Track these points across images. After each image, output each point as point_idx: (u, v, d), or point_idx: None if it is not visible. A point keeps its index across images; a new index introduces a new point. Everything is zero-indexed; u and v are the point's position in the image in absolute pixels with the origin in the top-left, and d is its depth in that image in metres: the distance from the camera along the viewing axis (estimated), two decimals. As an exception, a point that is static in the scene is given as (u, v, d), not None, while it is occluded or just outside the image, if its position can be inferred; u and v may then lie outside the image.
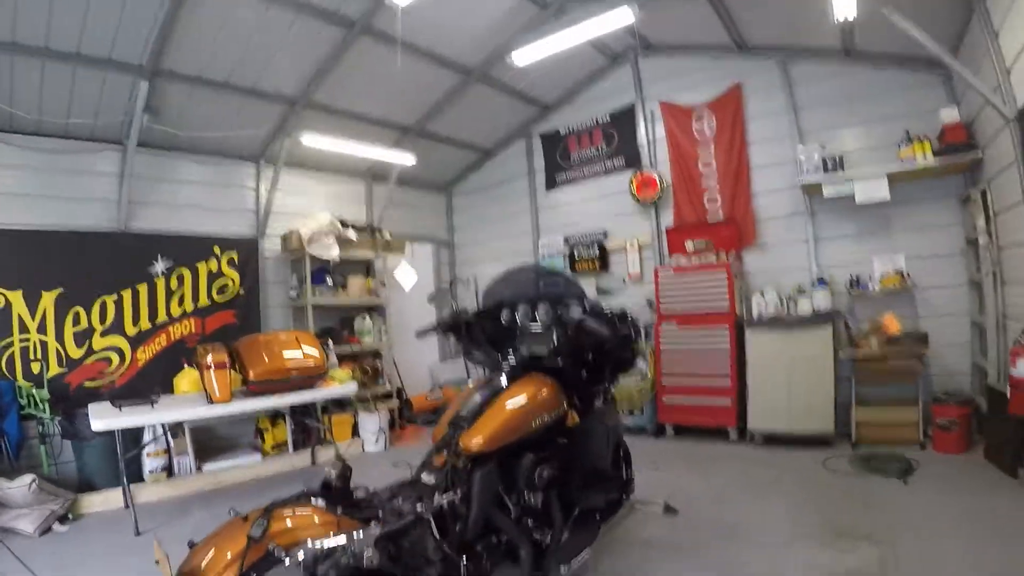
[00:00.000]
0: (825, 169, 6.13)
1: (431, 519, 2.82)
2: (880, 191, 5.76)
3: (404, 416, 8.15)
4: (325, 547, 2.29)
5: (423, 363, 9.28)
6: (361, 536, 2.42)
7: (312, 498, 2.61)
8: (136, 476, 5.53)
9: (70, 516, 4.97)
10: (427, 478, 3.04)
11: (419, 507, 2.81)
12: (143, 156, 6.27)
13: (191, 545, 2.35)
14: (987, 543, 3.67)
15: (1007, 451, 4.64)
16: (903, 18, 4.44)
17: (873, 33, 5.50)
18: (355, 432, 7.36)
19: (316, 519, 2.48)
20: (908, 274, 5.98)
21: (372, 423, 7.30)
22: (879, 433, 5.74)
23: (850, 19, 4.66)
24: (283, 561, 2.20)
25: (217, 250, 6.86)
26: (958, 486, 4.62)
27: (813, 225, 6.61)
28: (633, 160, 7.86)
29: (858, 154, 6.23)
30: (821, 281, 6.26)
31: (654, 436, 6.96)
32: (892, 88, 6.13)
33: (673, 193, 7.54)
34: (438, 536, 2.82)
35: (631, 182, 7.72)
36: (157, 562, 2.40)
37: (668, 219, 7.64)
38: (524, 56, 6.05)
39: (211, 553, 2.28)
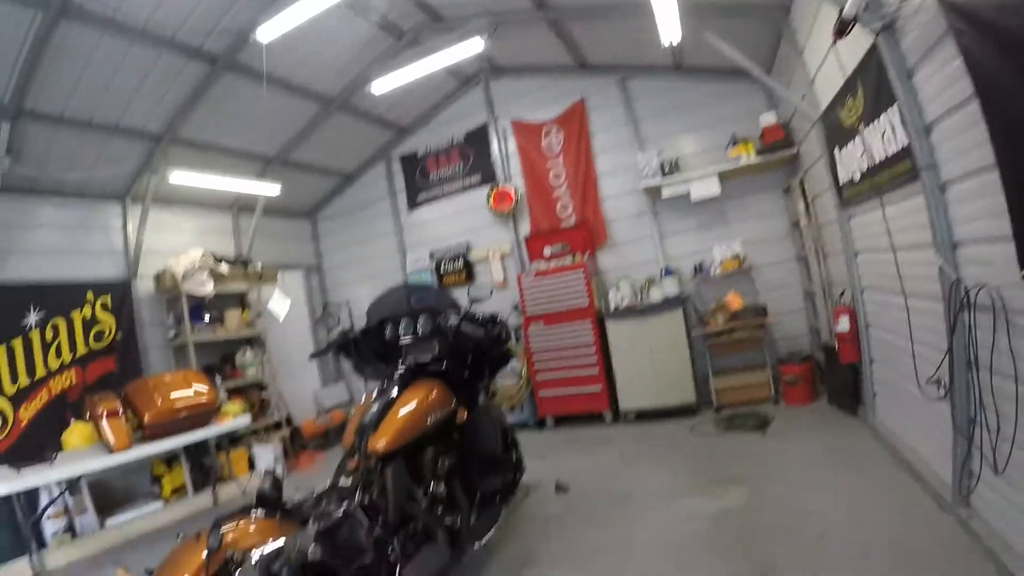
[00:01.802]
0: (663, 172, 6.89)
1: (357, 514, 3.23)
2: (712, 188, 6.62)
3: (296, 443, 8.23)
4: (274, 549, 2.64)
5: (307, 389, 9.34)
6: (302, 536, 2.79)
7: (252, 511, 2.93)
8: (38, 543, 5.29)
9: None
10: (344, 481, 3.48)
11: (345, 505, 3.21)
12: (4, 201, 6.01)
13: (149, 573, 2.57)
14: (836, 471, 4.43)
15: (845, 395, 5.50)
16: (722, 41, 5.14)
17: (699, 51, 6.03)
18: (251, 465, 7.37)
19: (260, 527, 2.82)
20: (744, 257, 6.79)
21: (267, 454, 7.35)
22: (737, 396, 6.56)
23: (676, 43, 5.21)
24: (241, 565, 2.53)
25: (90, 296, 6.63)
26: (809, 430, 5.46)
27: (657, 222, 7.37)
28: (489, 176, 8.39)
29: (692, 157, 7.03)
30: (668, 271, 6.99)
31: (537, 429, 7.48)
32: (719, 97, 6.94)
33: (528, 204, 8.12)
34: (366, 526, 3.24)
35: (488, 196, 8.24)
36: None
37: (526, 228, 8.21)
38: (382, 85, 6.47)
39: (175, 572, 2.54)
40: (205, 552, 2.50)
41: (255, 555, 2.57)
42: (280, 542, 2.67)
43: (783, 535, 3.71)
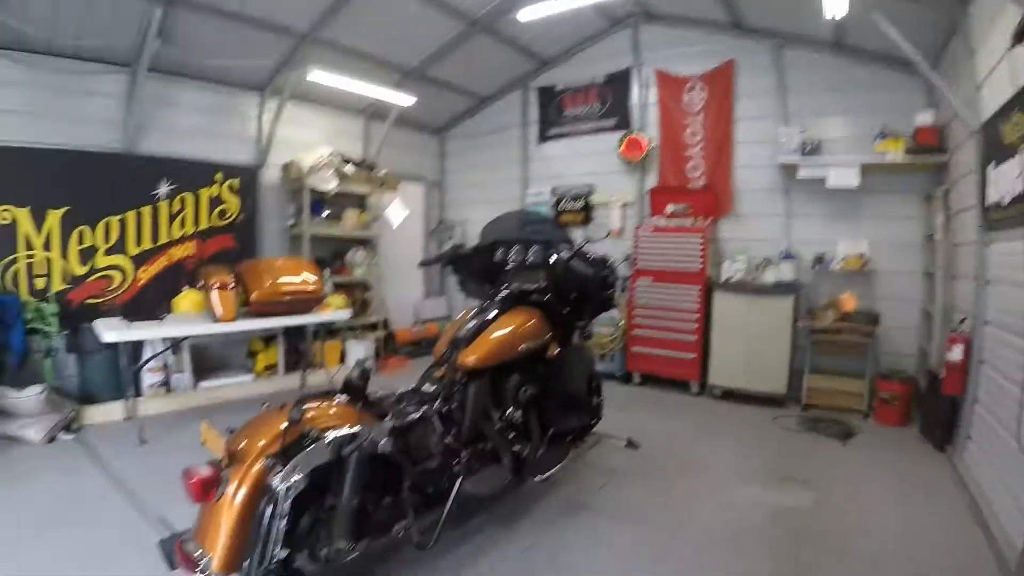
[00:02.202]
0: (803, 152, 6.50)
1: (434, 420, 3.36)
2: (851, 179, 6.17)
3: (388, 347, 8.55)
4: (349, 433, 2.76)
5: (408, 299, 9.66)
6: (378, 428, 2.90)
7: (336, 395, 3.07)
8: (136, 391, 5.79)
9: (74, 426, 5.26)
10: (428, 387, 3.56)
11: (424, 409, 3.34)
12: (151, 80, 6.31)
13: (230, 431, 2.73)
14: (906, 503, 4.23)
15: (938, 428, 5.12)
16: (890, 24, 4.67)
17: (863, 31, 5.63)
18: (342, 358, 7.76)
19: (340, 411, 2.95)
20: (869, 258, 6.40)
21: (359, 350, 7.70)
22: (827, 399, 6.26)
23: (839, 18, 4.88)
24: (317, 441, 2.66)
25: (219, 176, 7.00)
26: (890, 452, 5.17)
27: (787, 202, 7.01)
28: (624, 122, 8.15)
29: (836, 142, 6.58)
30: (788, 255, 6.69)
31: (622, 382, 7.47)
32: (875, 85, 6.43)
33: (659, 157, 7.88)
34: (439, 432, 3.36)
35: (620, 142, 8.01)
36: (204, 442, 2.66)
37: (652, 181, 7.99)
38: (529, 13, 6.31)
39: (253, 435, 2.69)
40: (285, 423, 2.63)
41: (330, 435, 2.70)
42: (356, 429, 2.79)
43: (835, 550, 3.62)
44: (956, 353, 4.60)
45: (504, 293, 4.07)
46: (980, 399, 4.40)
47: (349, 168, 7.81)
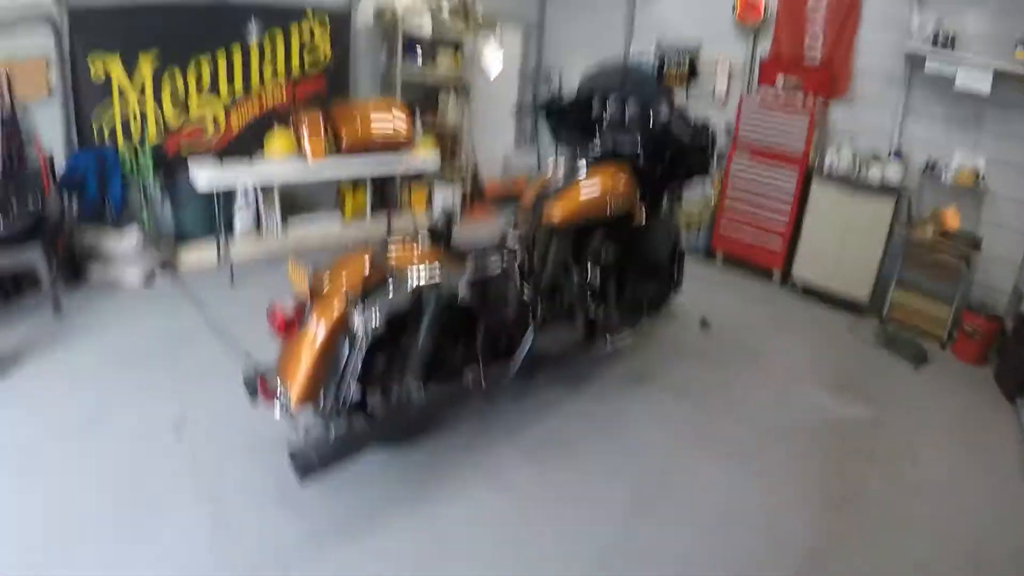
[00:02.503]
0: (935, 44, 5.80)
1: (514, 273, 3.42)
2: (982, 83, 5.50)
3: (475, 195, 8.57)
4: (430, 279, 2.84)
5: (498, 147, 9.45)
6: (458, 276, 2.99)
7: (420, 238, 3.16)
8: (228, 230, 5.93)
9: (171, 269, 5.56)
10: (511, 239, 3.59)
11: (506, 260, 3.38)
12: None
13: (316, 269, 2.84)
14: (963, 438, 4.22)
15: (1014, 378, 4.89)
16: None
17: None
18: (429, 203, 7.83)
19: (424, 255, 3.02)
20: (984, 176, 5.83)
21: (447, 196, 7.77)
22: (908, 317, 5.99)
23: None
24: (399, 284, 2.75)
25: (310, 15, 6.73)
26: (961, 389, 5.02)
27: (906, 96, 6.36)
28: (744, -22, 7.43)
29: (973, 39, 5.79)
30: (898, 154, 6.19)
31: (704, 259, 7.36)
32: None
33: (776, 24, 7.18)
34: (518, 285, 3.42)
35: (736, 2, 7.35)
36: (290, 279, 2.78)
37: (764, 49, 7.37)
38: None
39: (337, 274, 2.82)
40: (369, 264, 2.71)
41: (411, 279, 2.77)
42: (437, 276, 2.86)
43: (884, 474, 3.71)
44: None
45: (597, 149, 3.97)
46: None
47: (445, 11, 7.47)
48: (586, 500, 3.15)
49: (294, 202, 6.82)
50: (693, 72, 7.98)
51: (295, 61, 6.75)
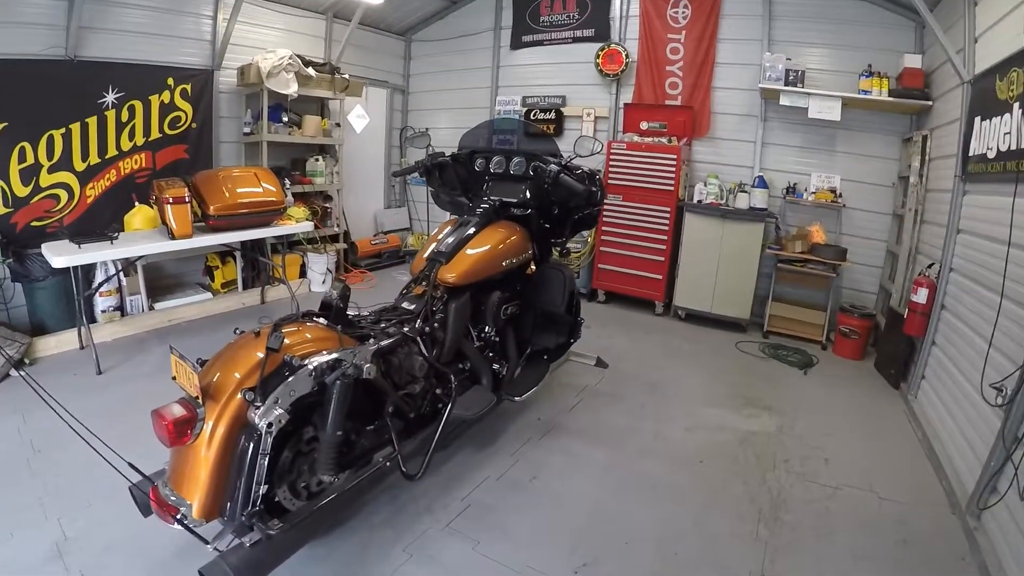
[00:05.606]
0: (786, 80, 6.30)
1: (417, 338, 3.24)
2: (832, 112, 6.08)
3: (349, 259, 8.34)
4: (332, 359, 2.59)
5: (369, 209, 9.39)
6: (361, 351, 2.76)
7: (313, 317, 2.89)
8: (89, 317, 5.37)
9: (26, 361, 4.94)
10: (407, 305, 3.43)
11: (405, 329, 3.21)
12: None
13: (201, 363, 2.51)
14: (864, 435, 4.43)
15: (893, 365, 5.33)
16: None
17: None
18: (303, 272, 7.57)
19: (320, 335, 2.74)
20: (840, 193, 6.42)
21: (320, 264, 7.52)
22: (788, 327, 6.41)
23: None
24: (298, 370, 2.51)
25: (171, 81, 6.40)
26: (848, 385, 5.37)
27: (764, 129, 6.88)
28: (603, 33, 7.79)
29: (820, 75, 6.42)
30: (762, 182, 6.58)
31: (587, 299, 7.46)
32: (866, 22, 6.25)
33: (637, 72, 7.58)
34: (423, 354, 3.25)
35: (598, 54, 7.69)
36: (174, 378, 2.42)
37: (627, 96, 7.74)
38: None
39: (227, 367, 2.48)
40: (262, 352, 2.45)
41: (312, 362, 2.55)
42: (338, 354, 2.63)
43: (800, 477, 3.80)
44: (922, 296, 4.73)
45: (485, 205, 3.91)
46: (938, 343, 4.57)
47: (310, 71, 7.33)
48: (527, 570, 2.96)
49: (158, 278, 6.41)
50: (559, 124, 8.24)
51: (155, 127, 6.34)
